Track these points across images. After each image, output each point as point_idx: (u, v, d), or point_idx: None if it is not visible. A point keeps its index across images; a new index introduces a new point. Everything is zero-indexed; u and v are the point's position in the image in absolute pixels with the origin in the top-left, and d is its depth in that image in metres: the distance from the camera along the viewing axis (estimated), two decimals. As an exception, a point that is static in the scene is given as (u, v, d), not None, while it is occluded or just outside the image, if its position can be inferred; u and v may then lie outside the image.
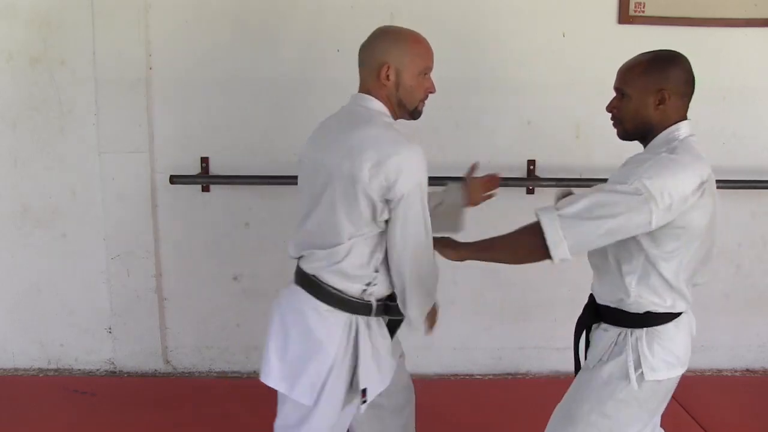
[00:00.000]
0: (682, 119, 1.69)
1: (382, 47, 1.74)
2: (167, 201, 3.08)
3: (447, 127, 3.03)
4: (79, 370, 3.21)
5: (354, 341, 1.75)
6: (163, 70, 2.97)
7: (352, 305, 1.75)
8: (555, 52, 2.98)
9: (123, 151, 3.00)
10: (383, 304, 1.79)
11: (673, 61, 1.69)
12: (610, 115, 1.75)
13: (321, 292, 1.74)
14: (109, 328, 3.18)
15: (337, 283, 1.73)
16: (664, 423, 1.95)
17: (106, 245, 3.09)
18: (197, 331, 3.20)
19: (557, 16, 2.97)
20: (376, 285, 1.75)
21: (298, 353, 1.75)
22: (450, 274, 3.11)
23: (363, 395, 1.75)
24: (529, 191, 3.07)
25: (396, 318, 1.84)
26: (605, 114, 1.76)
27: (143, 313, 3.13)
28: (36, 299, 3.15)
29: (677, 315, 1.70)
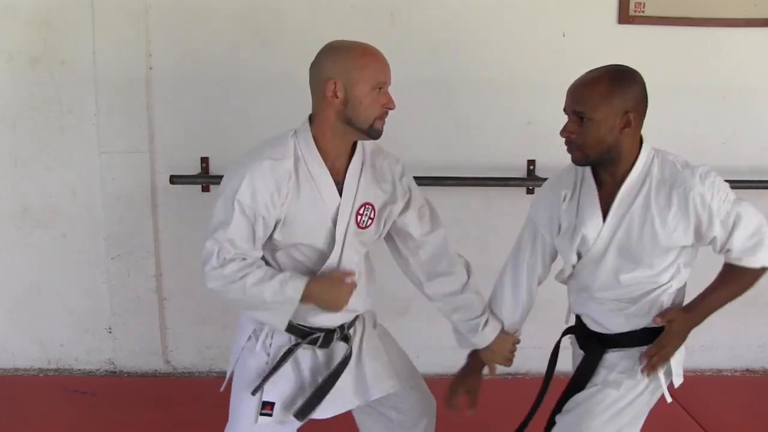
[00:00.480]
0: (640, 141, 1.66)
1: (327, 63, 1.64)
2: (167, 201, 3.07)
3: (447, 127, 3.03)
4: (79, 370, 3.21)
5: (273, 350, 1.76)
6: (163, 70, 2.97)
7: None
8: (555, 52, 2.97)
9: (123, 151, 3.00)
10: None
11: (634, 79, 1.61)
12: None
13: None
14: (109, 328, 3.18)
15: None
16: (664, 423, 1.96)
17: (106, 245, 3.09)
18: (197, 331, 3.20)
19: (557, 16, 2.97)
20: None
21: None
22: (450, 274, 3.12)
23: (267, 408, 1.72)
24: (529, 191, 3.07)
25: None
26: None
27: (143, 313, 3.13)
28: (36, 299, 3.15)
29: None
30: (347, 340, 1.82)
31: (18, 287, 3.15)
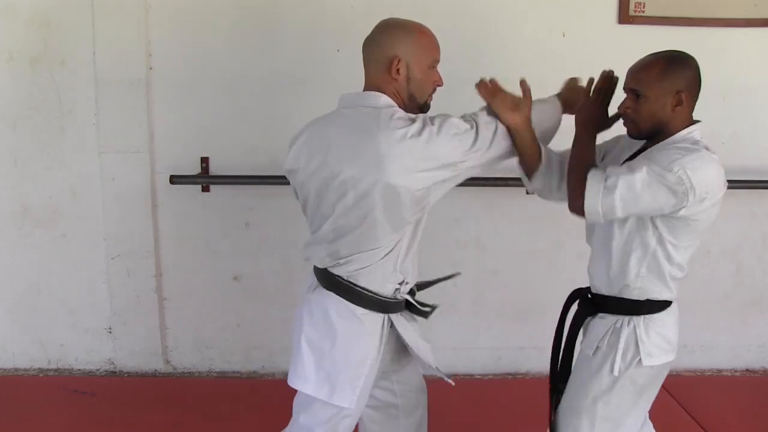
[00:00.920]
0: (692, 121, 1.76)
1: (390, 41, 1.71)
2: (167, 201, 3.08)
3: (447, 127, 3.02)
4: (79, 370, 3.21)
5: (388, 335, 1.77)
6: (163, 70, 2.97)
7: (385, 305, 1.75)
8: (555, 52, 2.97)
9: (123, 151, 3.00)
10: (405, 300, 1.81)
11: (688, 63, 1.72)
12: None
13: (356, 296, 1.72)
14: (109, 328, 3.18)
15: (373, 287, 1.72)
16: (664, 423, 1.96)
17: (106, 245, 3.09)
18: (197, 331, 3.20)
19: (557, 16, 2.97)
20: (408, 284, 1.78)
21: (336, 358, 1.72)
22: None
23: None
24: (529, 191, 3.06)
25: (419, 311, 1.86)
26: (605, 114, 1.77)
27: (143, 313, 3.13)
28: (36, 299, 3.15)
29: (670, 303, 1.77)
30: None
31: (18, 287, 3.15)
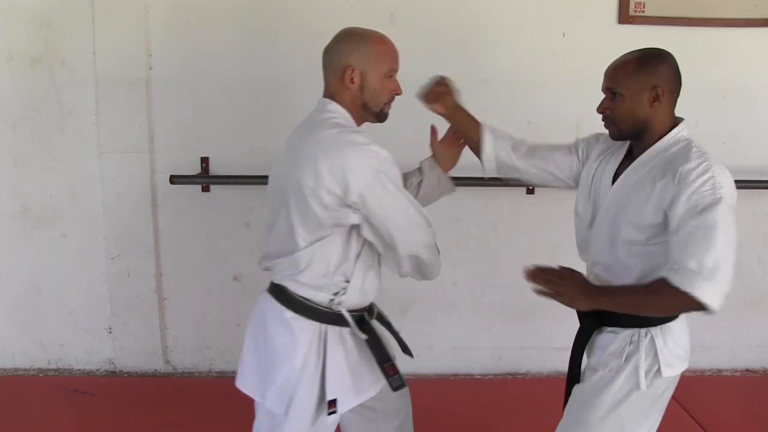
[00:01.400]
0: (675, 118, 1.71)
1: (345, 49, 1.72)
2: (167, 201, 3.08)
3: (447, 127, 3.02)
4: (79, 370, 3.21)
5: (323, 351, 1.72)
6: (163, 70, 2.97)
7: (320, 314, 1.72)
8: (555, 52, 2.98)
9: (123, 151, 3.01)
10: (359, 316, 1.76)
11: (662, 58, 1.69)
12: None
13: (288, 300, 1.73)
14: (109, 328, 3.18)
15: (304, 292, 1.71)
16: (664, 423, 1.95)
17: (106, 245, 3.09)
18: (197, 331, 3.20)
19: (557, 16, 2.97)
20: (344, 295, 1.72)
21: (267, 361, 1.75)
22: (450, 275, 3.12)
23: (331, 406, 1.71)
24: (529, 191, 3.07)
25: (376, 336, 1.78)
26: (605, 114, 1.77)
27: (143, 313, 3.13)
28: (36, 299, 3.15)
29: None
30: (381, 317, 1.90)
31: (18, 287, 3.15)
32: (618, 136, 1.73)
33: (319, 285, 1.70)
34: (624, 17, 2.95)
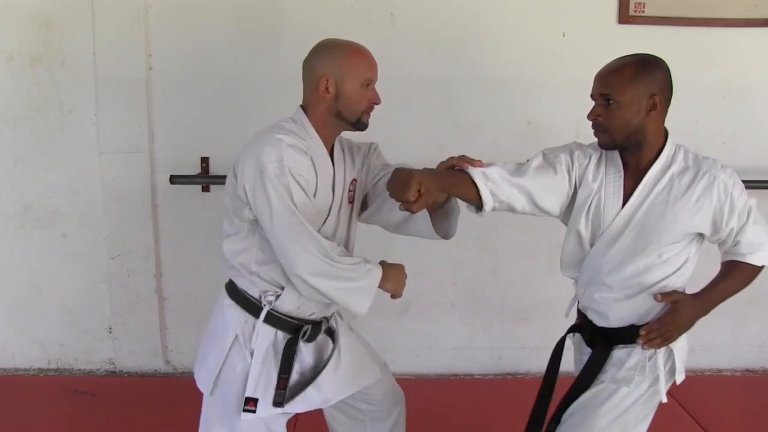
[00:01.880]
0: (665, 130, 1.71)
1: (320, 60, 1.75)
2: (167, 201, 3.08)
3: (447, 127, 3.03)
4: (79, 370, 3.21)
5: (250, 345, 1.74)
6: (163, 70, 2.97)
7: (249, 304, 1.76)
8: (555, 52, 2.98)
9: (123, 151, 3.00)
10: (297, 324, 1.76)
11: (659, 65, 1.65)
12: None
13: (229, 287, 1.83)
14: (109, 328, 3.18)
15: (240, 282, 1.78)
16: (664, 423, 1.96)
17: (106, 245, 3.09)
18: (197, 331, 3.15)
19: (557, 16, 2.97)
20: (277, 298, 1.74)
21: (204, 343, 1.87)
22: (450, 275, 3.12)
23: (250, 404, 1.71)
24: (529, 191, 3.07)
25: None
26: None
27: (143, 313, 3.13)
28: (36, 299, 3.15)
29: None
30: (332, 333, 1.86)
31: (18, 287, 3.15)
32: (610, 145, 1.68)
33: (250, 279, 1.75)
34: (624, 17, 2.94)
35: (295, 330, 1.76)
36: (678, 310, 1.68)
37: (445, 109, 3.01)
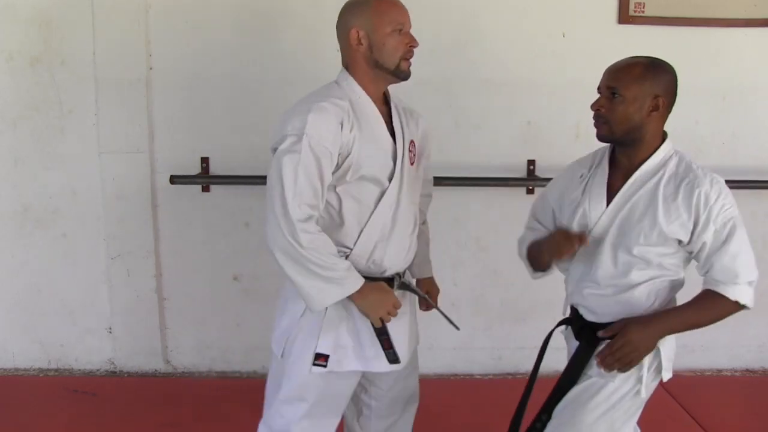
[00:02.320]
0: (664, 133, 1.73)
1: (350, 16, 1.78)
2: (167, 201, 3.08)
3: (447, 127, 3.03)
4: (80, 370, 3.21)
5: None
6: (163, 70, 2.97)
7: None
8: (555, 52, 2.98)
9: (123, 151, 3.01)
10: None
11: (668, 70, 1.70)
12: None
13: None
14: (109, 328, 3.18)
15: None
16: (664, 423, 1.96)
17: (106, 245, 3.09)
18: (197, 331, 3.20)
19: (557, 16, 2.97)
20: (343, 256, 1.76)
21: (278, 308, 1.90)
22: (450, 274, 3.12)
23: (320, 359, 1.76)
24: (529, 191, 3.07)
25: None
26: (605, 114, 1.76)
27: (143, 313, 3.13)
28: (36, 299, 3.15)
29: None
30: (408, 287, 1.94)
31: (18, 287, 3.15)
32: (608, 138, 1.72)
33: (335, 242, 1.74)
34: (624, 17, 2.94)
35: None
36: (626, 335, 1.67)
37: (445, 109, 3.01)
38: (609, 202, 1.73)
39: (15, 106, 2.99)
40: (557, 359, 2.86)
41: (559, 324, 1.94)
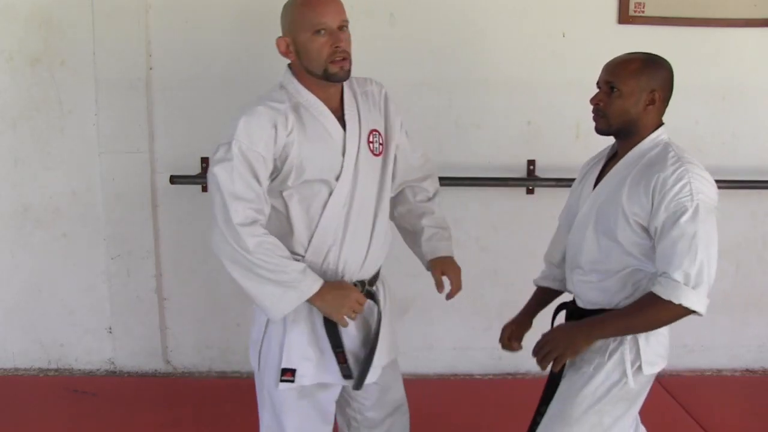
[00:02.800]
0: (660, 124, 1.75)
1: (281, 24, 1.73)
2: (167, 201, 3.07)
3: (447, 127, 3.03)
4: (80, 370, 3.21)
5: (285, 318, 1.73)
6: (163, 70, 2.97)
7: None
8: (555, 52, 2.98)
9: (123, 151, 3.01)
10: None
11: (664, 65, 1.74)
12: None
13: None
14: (109, 328, 3.18)
15: None
16: (664, 423, 1.96)
17: (106, 245, 3.09)
18: (197, 331, 3.20)
19: (557, 16, 2.97)
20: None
21: (253, 319, 1.86)
22: (450, 274, 3.12)
23: (287, 375, 1.72)
24: (529, 191, 3.07)
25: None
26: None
27: (143, 313, 3.13)
28: (36, 299, 3.15)
29: None
30: (372, 297, 1.80)
31: (18, 287, 3.15)
32: (605, 130, 1.76)
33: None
34: (624, 17, 2.94)
35: None
36: (553, 331, 1.75)
37: (445, 109, 3.01)
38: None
39: (15, 106, 2.99)
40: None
41: (559, 308, 1.97)
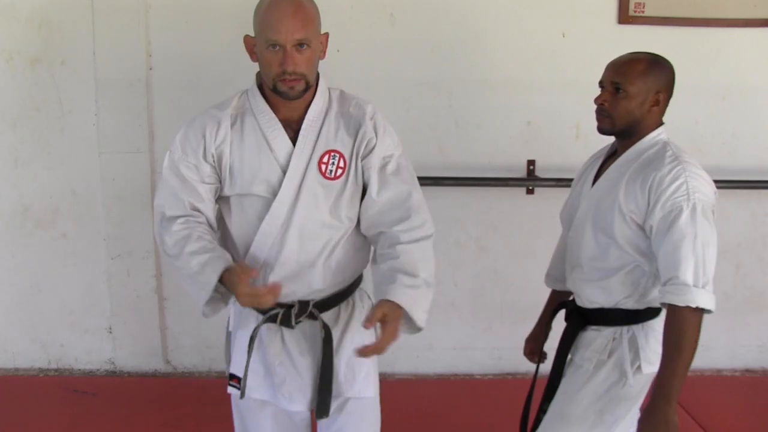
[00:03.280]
0: (660, 124, 1.75)
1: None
2: (167, 201, 3.07)
3: (447, 127, 3.03)
4: (80, 370, 3.21)
5: (236, 327, 1.77)
6: (163, 70, 2.97)
7: None
8: (555, 52, 2.98)
9: (123, 151, 3.00)
10: (274, 314, 1.67)
11: (668, 66, 1.74)
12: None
13: None
14: (109, 328, 3.18)
15: None
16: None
17: (106, 245, 3.09)
18: (197, 331, 3.20)
19: (557, 16, 2.97)
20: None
21: None
22: (450, 274, 3.12)
23: (234, 380, 1.72)
24: (529, 191, 3.07)
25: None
26: (605, 114, 1.77)
27: (143, 313, 3.13)
28: (36, 299, 3.15)
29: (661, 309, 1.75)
30: (315, 318, 1.67)
31: (18, 287, 3.15)
32: (609, 131, 1.75)
33: None
34: (624, 17, 2.94)
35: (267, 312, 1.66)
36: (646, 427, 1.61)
37: (445, 109, 3.01)
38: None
39: (15, 106, 2.99)
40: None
41: (559, 306, 1.98)
